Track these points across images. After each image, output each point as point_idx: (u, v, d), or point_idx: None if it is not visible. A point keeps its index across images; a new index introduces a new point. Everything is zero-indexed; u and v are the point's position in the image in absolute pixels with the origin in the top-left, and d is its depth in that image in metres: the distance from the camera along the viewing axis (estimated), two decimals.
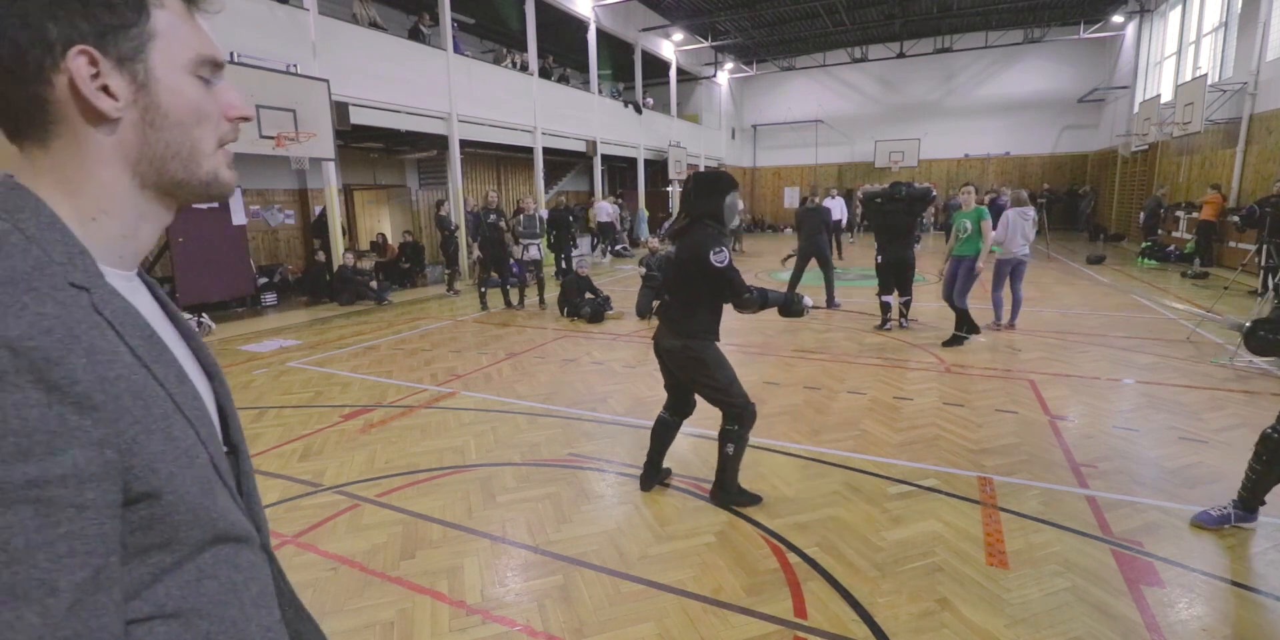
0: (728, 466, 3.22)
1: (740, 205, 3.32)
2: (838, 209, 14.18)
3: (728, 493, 3.28)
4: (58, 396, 0.48)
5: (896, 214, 7.02)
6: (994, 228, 6.68)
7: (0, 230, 0.52)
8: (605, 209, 16.61)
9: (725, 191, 3.10)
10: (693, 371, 3.14)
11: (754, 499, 3.28)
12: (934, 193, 6.87)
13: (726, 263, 2.95)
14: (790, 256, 8.91)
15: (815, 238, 8.61)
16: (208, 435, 0.61)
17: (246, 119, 0.70)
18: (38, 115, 0.57)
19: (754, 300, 3.06)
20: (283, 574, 0.73)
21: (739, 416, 3.14)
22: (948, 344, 6.64)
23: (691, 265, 3.02)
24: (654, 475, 3.45)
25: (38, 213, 0.55)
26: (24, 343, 0.47)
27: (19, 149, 0.59)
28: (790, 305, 3.18)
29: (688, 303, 3.11)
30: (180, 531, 0.56)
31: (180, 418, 0.57)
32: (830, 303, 8.74)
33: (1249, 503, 2.90)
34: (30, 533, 0.45)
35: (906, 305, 7.50)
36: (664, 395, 3.46)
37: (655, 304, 8.54)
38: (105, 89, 0.57)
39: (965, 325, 6.68)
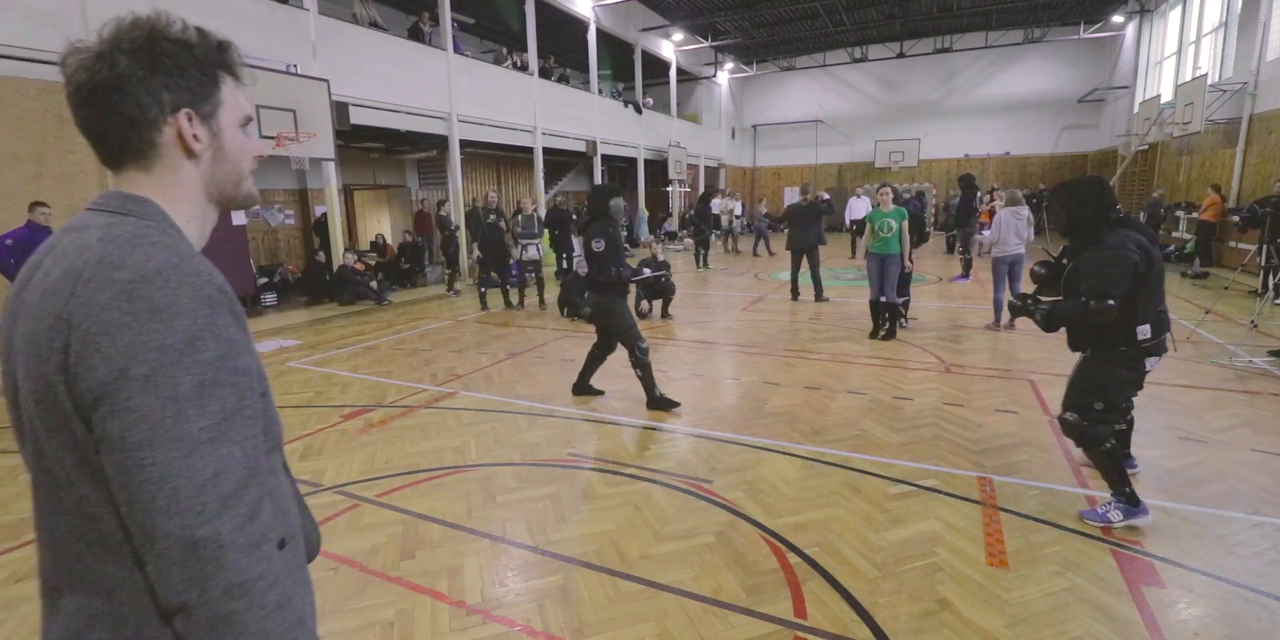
0: (646, 382, 4.79)
1: (624, 204, 4.67)
2: (863, 208, 13.60)
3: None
4: (238, 321, 0.80)
5: None
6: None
7: (147, 230, 0.80)
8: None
9: (609, 197, 4.67)
10: (602, 319, 4.83)
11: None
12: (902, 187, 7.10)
13: (601, 248, 4.58)
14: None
15: (807, 233, 9.02)
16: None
17: (263, 156, 1.02)
18: (148, 151, 0.86)
19: (611, 275, 4.60)
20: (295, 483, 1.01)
21: (632, 350, 4.72)
22: (886, 338, 6.90)
23: (585, 249, 4.72)
24: (585, 386, 5.14)
25: (163, 217, 0.85)
26: (223, 286, 0.80)
27: (117, 172, 0.87)
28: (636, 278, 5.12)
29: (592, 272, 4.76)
30: (271, 427, 0.88)
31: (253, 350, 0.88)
32: (817, 295, 9.39)
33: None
34: (231, 404, 0.76)
35: (905, 305, 7.51)
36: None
37: (658, 303, 8.56)
38: (195, 136, 0.87)
39: (901, 319, 7.27)
